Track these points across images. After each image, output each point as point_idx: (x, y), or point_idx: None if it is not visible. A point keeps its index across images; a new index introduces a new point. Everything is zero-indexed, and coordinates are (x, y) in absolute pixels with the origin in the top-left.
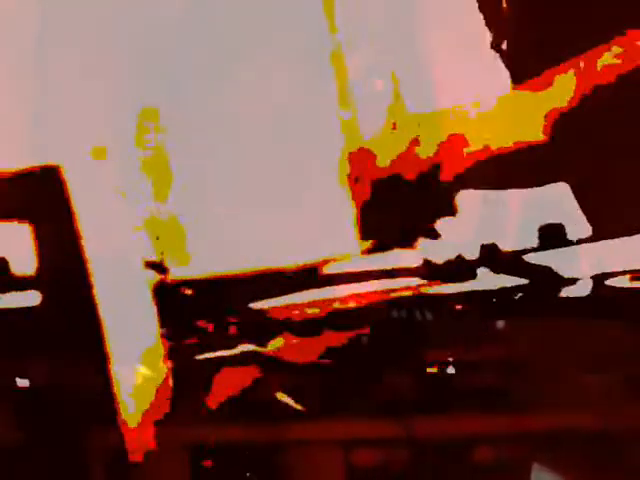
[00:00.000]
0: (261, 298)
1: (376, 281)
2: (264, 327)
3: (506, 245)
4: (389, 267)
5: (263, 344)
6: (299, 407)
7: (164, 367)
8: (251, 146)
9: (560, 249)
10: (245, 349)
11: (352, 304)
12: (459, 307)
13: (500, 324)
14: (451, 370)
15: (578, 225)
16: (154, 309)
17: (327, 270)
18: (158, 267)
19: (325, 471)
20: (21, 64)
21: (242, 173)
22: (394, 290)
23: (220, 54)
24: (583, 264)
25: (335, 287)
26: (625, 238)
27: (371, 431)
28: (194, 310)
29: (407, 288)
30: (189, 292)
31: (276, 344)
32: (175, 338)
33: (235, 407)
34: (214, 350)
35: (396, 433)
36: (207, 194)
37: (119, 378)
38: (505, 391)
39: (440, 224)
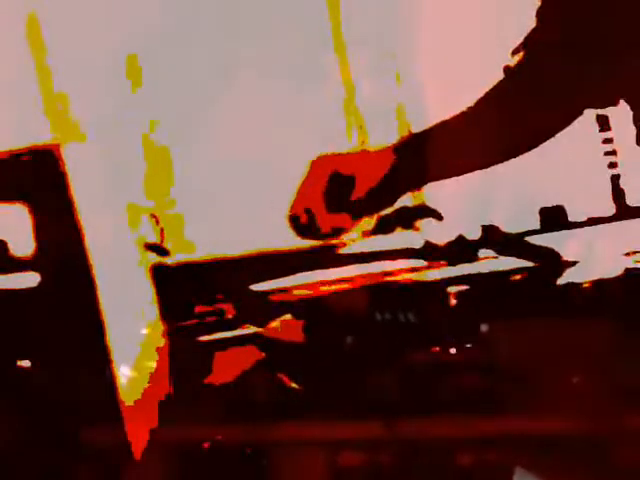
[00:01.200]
0: (262, 280)
1: (377, 263)
2: (264, 309)
3: (508, 226)
4: (391, 249)
5: (263, 325)
6: (295, 386)
7: (162, 352)
8: (251, 131)
9: (561, 231)
10: (245, 331)
11: (351, 286)
12: (461, 290)
13: (491, 323)
14: (437, 370)
15: (579, 207)
16: (153, 291)
17: (328, 252)
18: (158, 249)
19: (309, 473)
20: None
21: (241, 157)
22: (395, 272)
23: (222, 52)
24: (583, 246)
25: (336, 269)
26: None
27: (356, 433)
28: (194, 292)
29: (408, 270)
30: (190, 274)
31: (276, 325)
32: (174, 320)
33: (221, 408)
34: (214, 332)
35: (381, 435)
36: (206, 178)
37: (118, 364)
38: (489, 393)
39: (440, 207)
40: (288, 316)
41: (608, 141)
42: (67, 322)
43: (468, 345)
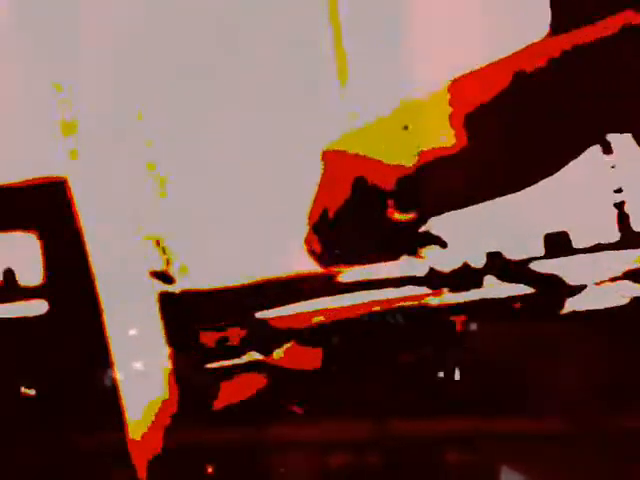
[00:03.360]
0: (267, 308)
1: (381, 290)
2: (269, 336)
3: (512, 253)
4: (396, 276)
5: (268, 353)
6: (299, 411)
7: (168, 378)
8: (248, 148)
9: (566, 257)
10: (250, 358)
11: (356, 313)
12: (462, 319)
13: (488, 329)
14: (428, 373)
15: (584, 233)
16: (159, 319)
17: (332, 279)
18: (164, 277)
19: (302, 473)
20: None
21: (238, 182)
22: (400, 299)
23: (215, 46)
24: (588, 271)
25: (340, 296)
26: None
27: (346, 433)
28: (199, 320)
29: (413, 297)
30: (194, 302)
31: (280, 353)
32: (180, 348)
33: (218, 410)
34: (219, 360)
35: (371, 435)
36: (203, 207)
37: (124, 388)
38: (478, 393)
39: (444, 234)
40: (292, 343)
41: (612, 167)
42: (74, 350)
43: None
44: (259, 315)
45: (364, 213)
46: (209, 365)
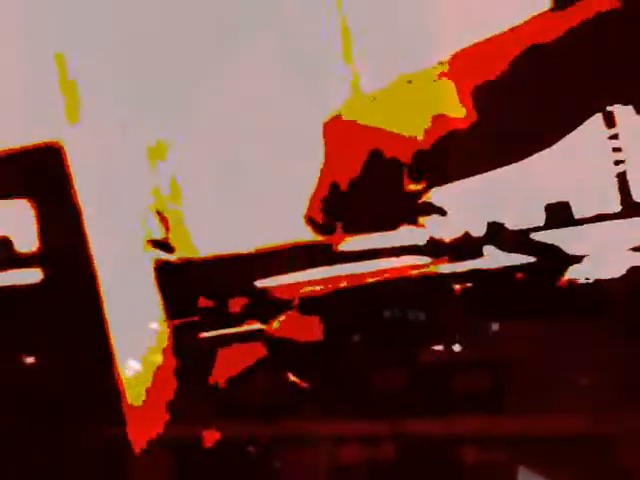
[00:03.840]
0: (267, 276)
1: (382, 259)
2: (270, 305)
3: (513, 223)
4: (397, 245)
5: (267, 322)
6: (304, 385)
7: (167, 349)
8: (252, 128)
9: (567, 228)
10: (250, 327)
11: (355, 283)
12: (465, 286)
13: (496, 324)
14: (441, 368)
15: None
16: (157, 291)
17: (335, 248)
18: (164, 246)
19: (315, 467)
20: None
21: (242, 155)
22: (403, 268)
23: (221, 40)
24: (588, 243)
25: (344, 265)
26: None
27: (360, 429)
28: (199, 289)
29: (414, 266)
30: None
31: (279, 322)
32: (180, 316)
33: (225, 405)
34: (219, 328)
35: (385, 432)
36: (208, 174)
37: (121, 361)
38: (495, 393)
39: (445, 204)
40: (292, 313)
41: (614, 137)
42: (70, 318)
43: (473, 343)
44: (259, 284)
45: (374, 184)
46: (207, 334)
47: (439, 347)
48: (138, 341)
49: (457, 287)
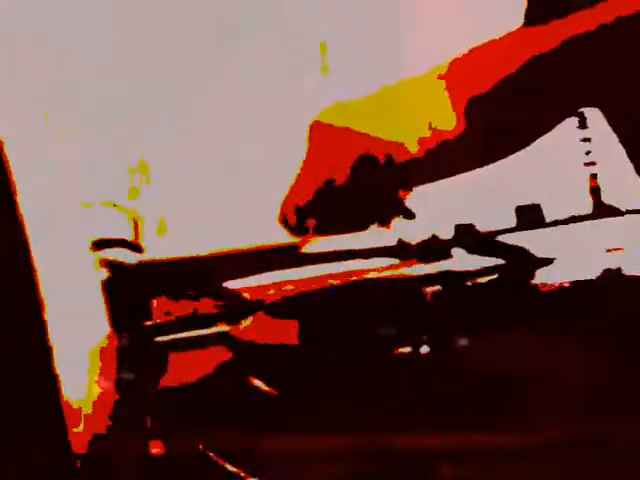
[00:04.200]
0: (235, 278)
1: (352, 261)
2: (237, 307)
3: (481, 225)
4: (365, 247)
5: (234, 324)
6: (272, 391)
7: (112, 354)
8: (227, 126)
9: (536, 230)
10: (213, 330)
11: (327, 284)
12: (435, 288)
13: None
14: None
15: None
16: (105, 292)
17: (303, 250)
18: (132, 246)
19: None
20: None
21: (215, 151)
22: (369, 270)
23: (201, 44)
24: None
25: (312, 267)
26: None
27: (337, 444)
28: (155, 291)
29: (382, 268)
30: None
31: (246, 324)
32: (133, 321)
33: (208, 416)
34: (181, 331)
35: (364, 447)
36: (179, 174)
37: (63, 372)
38: (475, 405)
39: (413, 204)
40: (258, 315)
41: (586, 140)
42: (6, 325)
43: (444, 346)
44: (224, 285)
45: (348, 185)
46: (163, 338)
47: (407, 350)
48: (83, 349)
49: (426, 290)
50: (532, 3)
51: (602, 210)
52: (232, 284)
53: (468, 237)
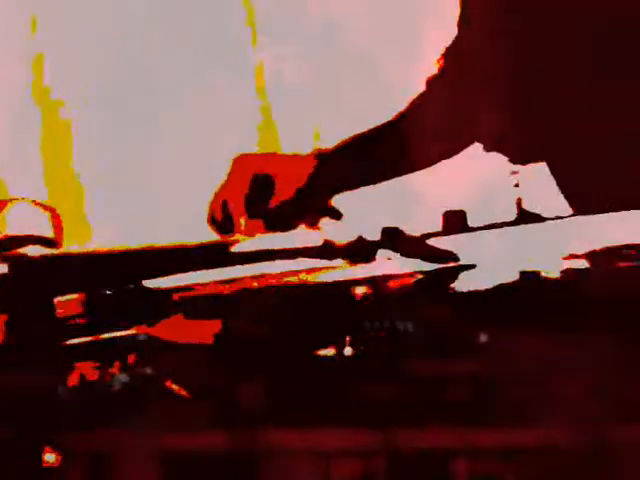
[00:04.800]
0: (154, 276)
1: (278, 262)
2: (155, 306)
3: (409, 228)
4: (291, 247)
5: (151, 324)
6: (183, 393)
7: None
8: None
9: (462, 234)
10: (130, 332)
11: (253, 285)
12: (361, 290)
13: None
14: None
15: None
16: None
17: (228, 249)
18: (46, 242)
19: None
20: None
21: (154, 145)
22: (295, 272)
23: (137, 48)
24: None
25: (236, 267)
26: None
27: (349, 441)
28: (61, 288)
29: (308, 270)
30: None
31: (164, 324)
32: (33, 321)
33: (213, 413)
34: (94, 333)
35: (375, 444)
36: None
37: None
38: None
39: (342, 205)
40: (178, 315)
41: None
42: None
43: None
44: (141, 284)
45: (278, 184)
46: (70, 341)
47: (329, 351)
48: None
49: (352, 291)
50: None
51: (525, 217)
52: (153, 282)
53: (395, 239)
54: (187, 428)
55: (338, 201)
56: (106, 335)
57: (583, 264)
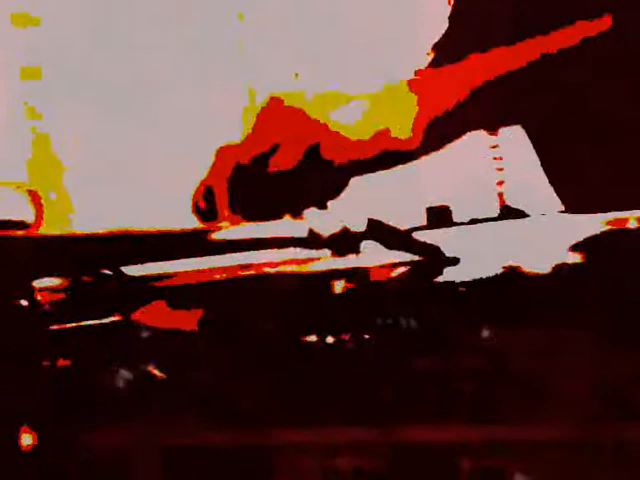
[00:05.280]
0: (137, 262)
1: (262, 251)
2: (136, 293)
3: (394, 221)
4: (275, 236)
5: (133, 310)
6: (162, 375)
7: None
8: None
9: (446, 229)
10: (111, 318)
11: (230, 274)
12: (346, 282)
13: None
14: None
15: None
16: None
17: (212, 237)
18: (23, 226)
19: (305, 477)
20: None
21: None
22: (278, 262)
23: (130, 39)
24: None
25: (220, 256)
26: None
27: (350, 437)
28: (39, 272)
29: (292, 260)
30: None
31: (146, 310)
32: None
33: (216, 410)
34: (74, 318)
35: (376, 440)
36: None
37: None
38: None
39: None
40: (158, 302)
41: (495, 147)
42: None
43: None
44: (127, 270)
45: (264, 173)
46: (52, 327)
47: (312, 338)
48: None
49: (337, 283)
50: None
51: (508, 212)
52: (133, 269)
53: (380, 231)
54: (189, 425)
55: (324, 192)
56: (87, 322)
57: (570, 259)
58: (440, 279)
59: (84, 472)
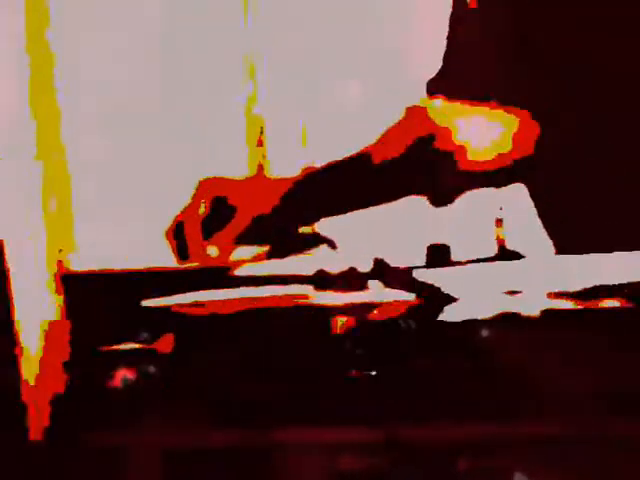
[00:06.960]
0: (154, 296)
1: (267, 287)
2: (154, 325)
3: (396, 261)
4: (284, 274)
5: (150, 342)
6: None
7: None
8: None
9: (446, 268)
10: (130, 347)
11: (240, 308)
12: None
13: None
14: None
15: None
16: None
17: (218, 273)
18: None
19: (308, 476)
20: None
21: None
22: (288, 298)
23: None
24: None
25: (232, 290)
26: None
27: (354, 437)
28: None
29: (300, 296)
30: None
31: (160, 341)
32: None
33: (219, 411)
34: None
35: (379, 439)
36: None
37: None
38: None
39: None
40: (170, 334)
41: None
42: None
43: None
44: (146, 303)
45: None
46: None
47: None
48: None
49: (340, 320)
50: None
51: (505, 254)
52: (152, 302)
53: (381, 271)
54: (192, 426)
55: (329, 231)
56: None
57: (564, 304)
58: (439, 317)
59: (84, 472)
